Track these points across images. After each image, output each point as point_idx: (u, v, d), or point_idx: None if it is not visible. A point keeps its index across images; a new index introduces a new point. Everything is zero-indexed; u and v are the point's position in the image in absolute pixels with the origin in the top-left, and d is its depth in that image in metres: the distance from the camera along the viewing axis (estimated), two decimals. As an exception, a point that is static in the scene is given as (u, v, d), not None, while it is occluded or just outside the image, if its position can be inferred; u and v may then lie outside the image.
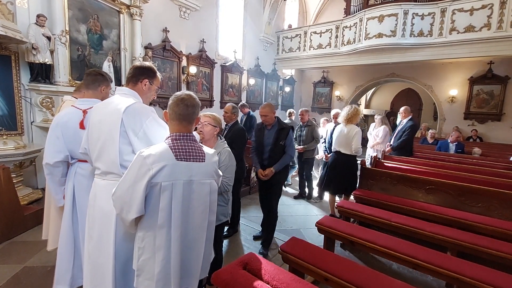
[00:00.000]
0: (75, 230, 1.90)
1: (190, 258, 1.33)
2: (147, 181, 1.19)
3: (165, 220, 1.24)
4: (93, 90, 2.02)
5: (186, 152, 1.29)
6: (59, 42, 4.17)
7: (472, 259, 2.06)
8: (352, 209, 3.05)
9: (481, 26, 6.79)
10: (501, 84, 8.21)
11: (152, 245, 1.26)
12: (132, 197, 1.22)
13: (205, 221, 1.37)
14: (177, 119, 1.32)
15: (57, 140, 1.86)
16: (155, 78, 1.67)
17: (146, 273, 1.27)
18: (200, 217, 1.34)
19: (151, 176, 1.20)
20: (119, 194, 1.26)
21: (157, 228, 1.25)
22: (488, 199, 2.94)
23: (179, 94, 1.34)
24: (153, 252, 1.26)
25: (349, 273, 1.78)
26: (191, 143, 1.33)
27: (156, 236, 1.25)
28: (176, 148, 1.28)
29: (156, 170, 1.20)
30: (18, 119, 4.09)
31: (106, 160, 1.50)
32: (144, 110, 1.52)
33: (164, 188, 1.23)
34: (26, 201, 3.59)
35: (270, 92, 10.90)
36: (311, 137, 4.80)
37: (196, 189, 1.31)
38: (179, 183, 1.26)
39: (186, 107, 1.30)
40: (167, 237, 1.25)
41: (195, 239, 1.34)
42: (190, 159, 1.30)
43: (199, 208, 1.33)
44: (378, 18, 7.78)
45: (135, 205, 1.22)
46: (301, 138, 4.87)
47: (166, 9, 6.68)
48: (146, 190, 1.21)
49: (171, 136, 1.32)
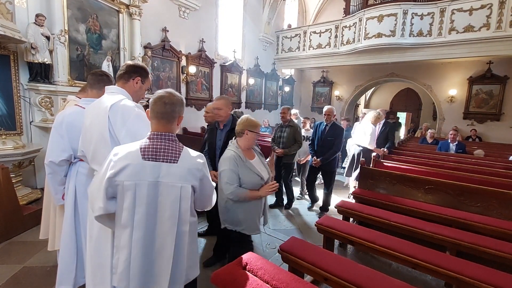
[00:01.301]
0: (77, 229, 1.90)
1: (155, 264, 1.26)
2: (107, 178, 1.19)
3: (128, 220, 1.22)
4: (97, 90, 2.01)
5: (155, 152, 1.24)
6: (58, 41, 4.16)
7: (471, 259, 2.06)
8: (352, 209, 3.06)
9: (480, 26, 6.80)
10: (500, 84, 8.22)
11: (119, 245, 1.26)
12: (98, 193, 1.23)
13: (173, 229, 1.25)
14: (155, 118, 1.29)
15: (61, 139, 1.87)
16: (147, 78, 1.69)
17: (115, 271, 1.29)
18: (168, 223, 1.25)
19: (113, 174, 1.19)
20: (90, 188, 1.29)
21: (121, 228, 1.24)
22: (487, 198, 2.94)
23: (159, 92, 1.31)
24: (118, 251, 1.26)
25: (348, 273, 1.78)
26: (167, 142, 1.27)
27: (121, 236, 1.25)
28: (147, 147, 1.24)
29: (118, 168, 1.19)
30: (17, 119, 4.08)
31: (101, 161, 1.50)
32: (128, 107, 1.51)
33: (126, 188, 1.21)
34: (25, 201, 3.59)
35: (269, 92, 10.90)
36: (293, 139, 4.17)
37: (163, 192, 1.24)
38: (143, 183, 1.22)
39: (164, 105, 1.27)
40: (129, 238, 1.22)
41: (162, 245, 1.25)
42: (159, 159, 1.24)
43: (166, 213, 1.25)
44: (377, 18, 7.78)
45: (98, 201, 1.23)
46: (281, 140, 4.23)
47: (165, 9, 6.68)
48: (107, 188, 1.21)
49: (148, 135, 1.29)
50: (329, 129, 4.13)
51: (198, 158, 1.34)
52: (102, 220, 1.30)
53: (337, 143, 4.02)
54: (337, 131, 4.11)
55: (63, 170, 1.90)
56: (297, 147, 4.18)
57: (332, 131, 4.10)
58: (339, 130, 4.15)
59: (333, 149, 4.02)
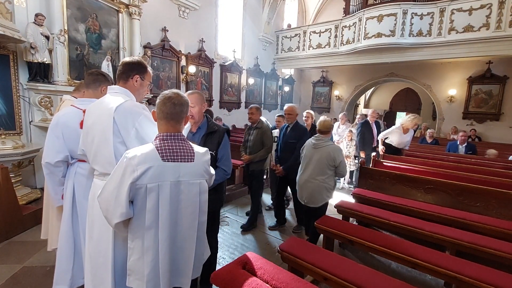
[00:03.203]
0: (75, 230, 1.89)
1: (181, 258, 1.32)
2: (130, 183, 1.17)
3: (152, 221, 1.23)
4: (93, 90, 2.00)
5: (173, 153, 1.26)
6: (57, 41, 4.16)
7: (470, 258, 2.06)
8: (351, 209, 3.06)
9: (480, 26, 6.80)
10: (499, 84, 8.23)
11: (141, 246, 1.25)
12: (116, 199, 1.19)
13: (195, 221, 1.34)
14: (164, 119, 1.29)
15: (57, 140, 1.86)
16: (146, 73, 1.63)
17: (136, 273, 1.27)
18: (190, 218, 1.32)
19: (136, 178, 1.17)
20: (104, 196, 1.23)
21: (145, 230, 1.23)
22: (486, 198, 2.95)
23: (166, 92, 1.31)
24: (142, 253, 1.25)
25: (348, 273, 1.79)
26: (180, 142, 1.30)
27: (144, 238, 1.24)
28: (163, 148, 1.25)
29: (141, 171, 1.18)
30: (17, 119, 4.07)
31: (102, 161, 1.50)
32: (135, 108, 1.49)
33: (150, 190, 1.21)
34: (25, 201, 3.58)
35: (269, 91, 10.90)
36: (260, 143, 3.56)
37: (185, 190, 1.29)
38: (166, 184, 1.24)
39: (174, 106, 1.27)
40: (155, 238, 1.24)
41: (185, 239, 1.31)
42: (178, 159, 1.27)
43: (188, 209, 1.30)
44: (377, 18, 7.78)
45: (119, 208, 1.19)
46: (247, 144, 3.68)
47: (165, 9, 6.67)
48: (130, 193, 1.18)
49: (159, 136, 1.29)
50: (291, 130, 3.55)
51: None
52: (119, 227, 1.26)
53: (299, 146, 3.32)
54: (300, 132, 3.53)
55: (60, 171, 1.89)
56: (265, 152, 3.57)
57: (294, 133, 3.51)
58: (302, 131, 3.57)
59: (295, 153, 3.37)
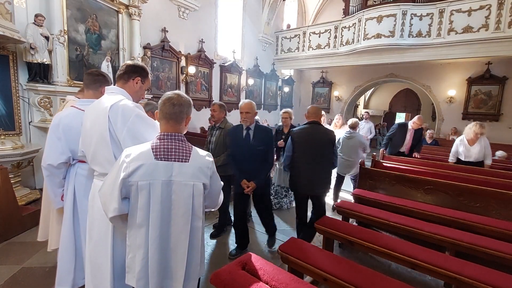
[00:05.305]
0: (76, 230, 1.89)
1: (172, 261, 1.31)
2: (121, 179, 1.21)
3: (143, 220, 1.25)
4: (94, 91, 1.99)
5: (167, 151, 1.28)
6: (57, 42, 4.16)
7: (470, 259, 2.06)
8: (351, 209, 3.05)
9: (479, 27, 6.83)
10: (499, 84, 8.25)
11: (135, 244, 1.28)
12: (111, 194, 1.24)
13: (187, 225, 1.30)
14: (164, 118, 1.32)
15: (59, 141, 1.84)
16: (147, 78, 1.69)
17: (133, 270, 1.29)
18: (181, 220, 1.30)
19: (127, 175, 1.21)
20: (102, 190, 1.29)
21: (137, 227, 1.26)
22: (486, 199, 2.95)
23: (168, 93, 1.35)
24: (136, 251, 1.28)
25: (348, 273, 1.78)
26: (177, 142, 1.31)
27: (137, 235, 1.27)
28: (158, 147, 1.28)
29: (133, 168, 1.22)
30: (16, 119, 4.07)
31: (102, 162, 1.50)
32: (128, 107, 1.50)
33: (141, 188, 1.24)
34: (24, 201, 3.58)
35: (269, 92, 10.92)
36: (224, 145, 3.10)
37: (177, 190, 1.29)
38: (157, 183, 1.25)
39: (173, 106, 1.31)
40: (146, 237, 1.26)
41: (176, 242, 1.30)
42: (171, 158, 1.28)
43: (179, 210, 1.30)
44: (376, 19, 7.80)
45: (113, 202, 1.23)
46: (209, 146, 3.24)
47: (165, 9, 6.68)
48: (122, 188, 1.22)
49: (158, 136, 1.33)
50: (254, 134, 2.76)
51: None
52: (115, 221, 1.31)
53: (270, 151, 2.83)
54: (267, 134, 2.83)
55: (61, 172, 1.89)
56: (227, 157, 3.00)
57: (260, 136, 2.76)
58: (268, 132, 2.85)
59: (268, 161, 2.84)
